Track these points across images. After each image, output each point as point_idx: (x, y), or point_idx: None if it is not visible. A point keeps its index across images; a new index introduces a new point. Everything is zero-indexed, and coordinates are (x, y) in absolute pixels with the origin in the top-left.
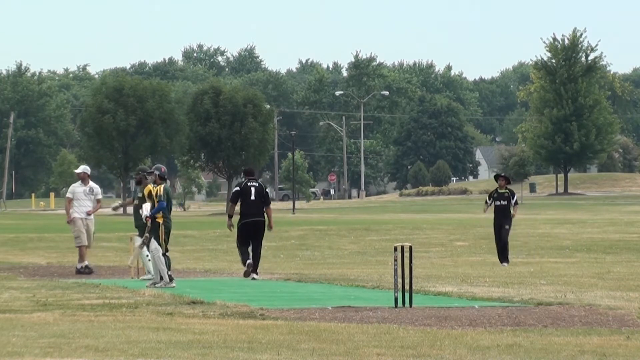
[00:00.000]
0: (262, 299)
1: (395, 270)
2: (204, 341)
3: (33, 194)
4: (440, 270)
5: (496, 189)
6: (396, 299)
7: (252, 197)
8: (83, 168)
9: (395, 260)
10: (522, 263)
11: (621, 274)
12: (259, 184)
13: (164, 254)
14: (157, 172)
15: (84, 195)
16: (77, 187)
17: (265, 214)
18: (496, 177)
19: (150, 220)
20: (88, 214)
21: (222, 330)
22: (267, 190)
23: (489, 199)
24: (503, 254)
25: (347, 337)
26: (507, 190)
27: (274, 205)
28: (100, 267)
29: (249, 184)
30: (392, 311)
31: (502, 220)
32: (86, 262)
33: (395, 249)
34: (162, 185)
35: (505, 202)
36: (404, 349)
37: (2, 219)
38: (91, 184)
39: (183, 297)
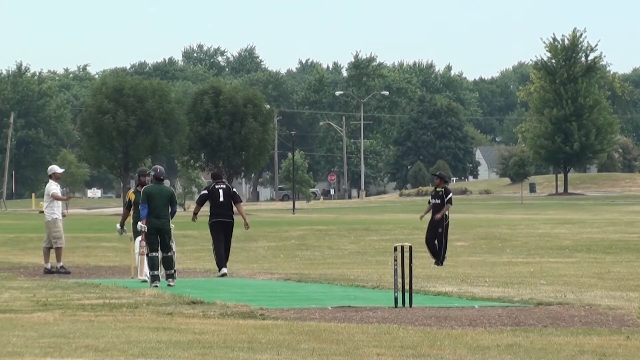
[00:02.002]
0: (262, 299)
1: (395, 270)
2: (204, 341)
3: (33, 194)
4: (440, 270)
5: (435, 188)
6: (396, 299)
7: (221, 199)
8: (58, 168)
9: (395, 260)
10: (522, 263)
11: (621, 274)
12: (227, 185)
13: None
14: (152, 173)
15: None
16: (57, 187)
17: (233, 216)
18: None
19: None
20: (64, 215)
21: (222, 330)
22: (234, 190)
23: (431, 199)
24: (438, 254)
25: (347, 337)
26: (442, 189)
27: (274, 205)
28: (100, 267)
29: (216, 186)
30: (392, 311)
31: (434, 221)
32: (61, 263)
33: (395, 249)
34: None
35: (439, 201)
36: (404, 349)
37: (2, 219)
38: (59, 184)
39: (183, 297)
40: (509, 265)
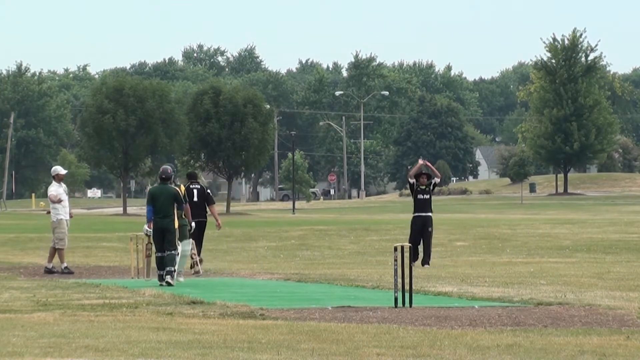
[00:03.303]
0: (262, 299)
1: (395, 270)
2: (204, 341)
3: (33, 194)
4: (440, 270)
5: (414, 185)
6: (396, 299)
7: (195, 199)
8: (61, 169)
9: (395, 260)
10: (522, 263)
11: (621, 274)
12: (201, 186)
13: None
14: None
15: (66, 196)
16: (60, 188)
17: (207, 215)
18: (417, 177)
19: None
20: (71, 216)
21: (222, 330)
22: (208, 191)
23: (417, 194)
24: (425, 254)
25: (347, 337)
26: (426, 185)
27: (274, 205)
28: (100, 267)
29: (191, 186)
30: (392, 311)
31: (424, 217)
32: (65, 264)
33: (395, 249)
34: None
35: (428, 196)
36: (404, 349)
37: (2, 219)
38: (63, 184)
39: (183, 297)
40: (509, 265)
